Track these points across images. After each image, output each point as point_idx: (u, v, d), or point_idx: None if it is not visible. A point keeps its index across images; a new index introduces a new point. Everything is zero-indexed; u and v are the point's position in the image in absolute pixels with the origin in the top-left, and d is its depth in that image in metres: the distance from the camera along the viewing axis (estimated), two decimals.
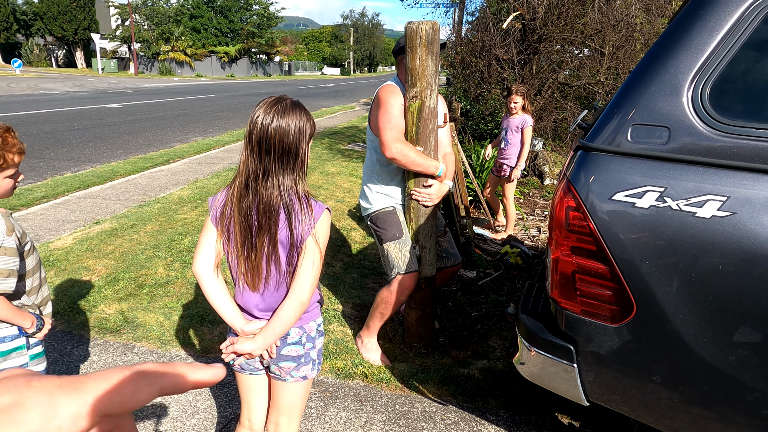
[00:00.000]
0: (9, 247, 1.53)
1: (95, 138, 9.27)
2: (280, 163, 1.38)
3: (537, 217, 5.73)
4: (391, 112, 2.36)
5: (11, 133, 1.57)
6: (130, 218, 4.59)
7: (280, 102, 1.39)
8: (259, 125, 1.36)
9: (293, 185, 1.41)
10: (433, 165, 2.40)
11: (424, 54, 2.23)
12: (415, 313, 2.73)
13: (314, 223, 1.42)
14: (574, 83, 5.91)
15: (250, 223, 1.40)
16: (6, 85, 21.56)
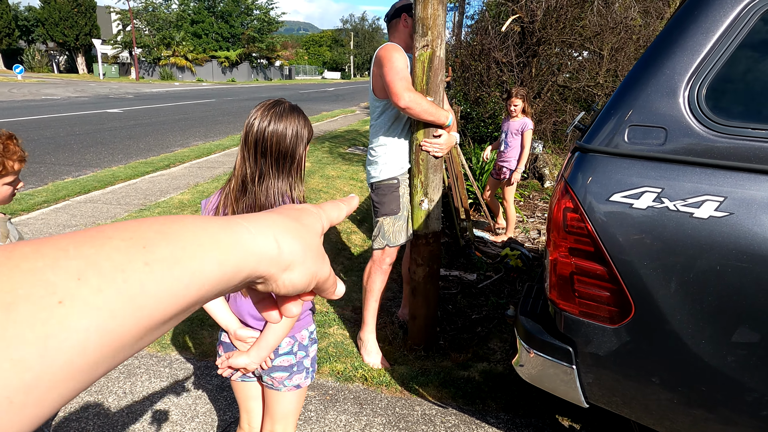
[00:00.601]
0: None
1: (96, 143, 9.30)
2: (276, 167, 1.38)
3: (537, 220, 5.73)
4: (397, 65, 2.34)
5: (13, 140, 1.56)
6: None
7: (277, 105, 1.39)
8: (255, 128, 1.35)
9: (288, 189, 1.41)
10: (444, 114, 2.40)
11: (435, 3, 2.22)
12: (422, 270, 2.70)
13: None
14: (573, 86, 5.93)
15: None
16: (8, 90, 21.64)
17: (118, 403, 2.30)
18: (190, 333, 2.89)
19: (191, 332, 2.89)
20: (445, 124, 2.42)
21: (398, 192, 2.63)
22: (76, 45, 41.83)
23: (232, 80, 46.74)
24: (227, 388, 2.40)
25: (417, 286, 2.76)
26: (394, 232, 2.65)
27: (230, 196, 1.41)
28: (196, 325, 2.95)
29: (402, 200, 2.65)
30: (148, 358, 2.64)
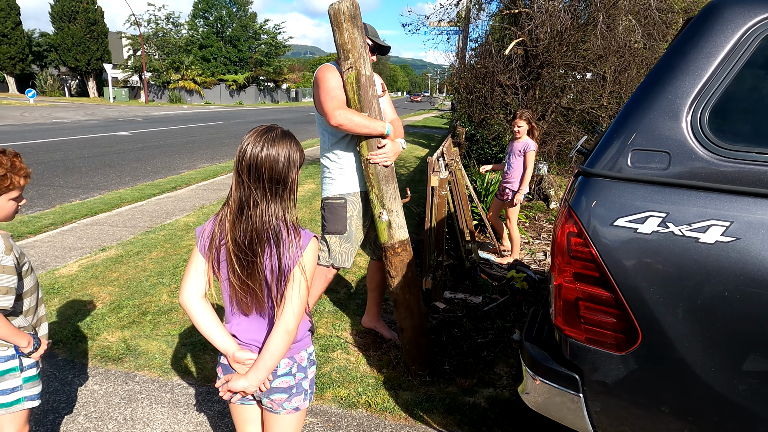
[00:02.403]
0: (7, 266, 1.57)
1: (104, 165, 9.40)
2: (269, 192, 1.39)
3: (543, 241, 5.69)
4: (329, 86, 2.46)
5: (19, 158, 1.65)
6: (135, 245, 4.61)
7: (270, 131, 1.40)
8: (248, 154, 1.37)
9: (282, 214, 1.41)
10: (380, 125, 2.42)
11: (350, 28, 2.32)
12: (398, 281, 2.71)
13: (302, 251, 1.42)
14: (577, 107, 5.95)
15: (240, 250, 1.40)
16: (20, 114, 22.02)
17: (118, 429, 2.26)
18: (192, 357, 2.86)
19: (193, 356, 2.87)
20: (383, 133, 2.45)
21: (345, 212, 2.70)
22: (88, 69, 42.65)
23: (239, 103, 47.37)
24: (229, 414, 2.37)
25: (397, 297, 2.75)
26: (341, 253, 2.73)
27: (225, 221, 1.41)
28: (199, 350, 2.92)
29: (349, 222, 2.70)
30: (150, 383, 2.61)
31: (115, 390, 2.55)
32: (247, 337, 1.50)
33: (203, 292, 1.48)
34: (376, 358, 3.00)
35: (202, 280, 1.47)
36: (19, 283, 1.62)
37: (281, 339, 1.41)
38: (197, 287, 1.46)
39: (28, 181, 1.71)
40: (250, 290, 1.43)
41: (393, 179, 2.58)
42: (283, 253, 1.39)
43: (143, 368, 2.74)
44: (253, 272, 1.41)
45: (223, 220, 1.43)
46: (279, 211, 1.40)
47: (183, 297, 1.46)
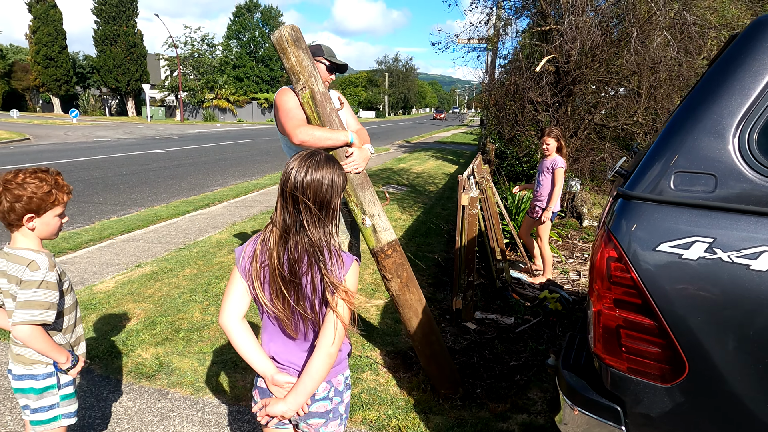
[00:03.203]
0: (51, 282, 1.62)
1: (141, 183, 9.69)
2: (312, 216, 1.40)
3: (576, 260, 5.55)
4: (287, 107, 2.57)
5: (60, 176, 1.70)
6: (170, 261, 4.71)
7: (314, 156, 1.43)
8: (292, 178, 1.39)
9: (325, 237, 1.42)
10: (342, 134, 2.47)
11: (295, 51, 2.40)
12: (395, 283, 2.70)
13: (344, 275, 1.42)
14: (611, 124, 5.82)
15: (283, 272, 1.41)
16: (63, 133, 23.02)
17: None
18: (223, 376, 2.88)
19: (225, 375, 2.88)
20: (347, 142, 2.49)
21: None
22: (127, 90, 44.41)
23: (270, 120, 48.34)
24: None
25: (397, 300, 2.75)
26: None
27: (268, 246, 1.43)
28: (230, 368, 2.94)
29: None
30: (182, 401, 2.63)
31: (148, 407, 2.57)
32: (286, 360, 1.50)
33: (243, 314, 1.49)
34: (405, 380, 2.95)
35: (243, 302, 1.48)
36: (60, 300, 1.67)
37: (322, 362, 1.40)
38: (237, 309, 1.47)
39: (71, 197, 1.77)
40: (291, 313, 1.43)
41: (368, 184, 2.63)
42: (325, 276, 1.40)
43: (175, 386, 2.77)
44: (295, 295, 1.42)
45: (265, 242, 1.44)
46: (322, 235, 1.41)
47: (223, 318, 1.47)
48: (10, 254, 1.63)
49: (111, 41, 42.80)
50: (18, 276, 1.59)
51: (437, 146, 22.03)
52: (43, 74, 43.36)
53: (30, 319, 1.56)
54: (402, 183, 10.45)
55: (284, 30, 2.39)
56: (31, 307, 1.56)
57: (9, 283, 1.63)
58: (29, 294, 1.57)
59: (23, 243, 1.64)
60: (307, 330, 1.47)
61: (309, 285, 1.41)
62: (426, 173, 12.24)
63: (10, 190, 1.57)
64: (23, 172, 1.62)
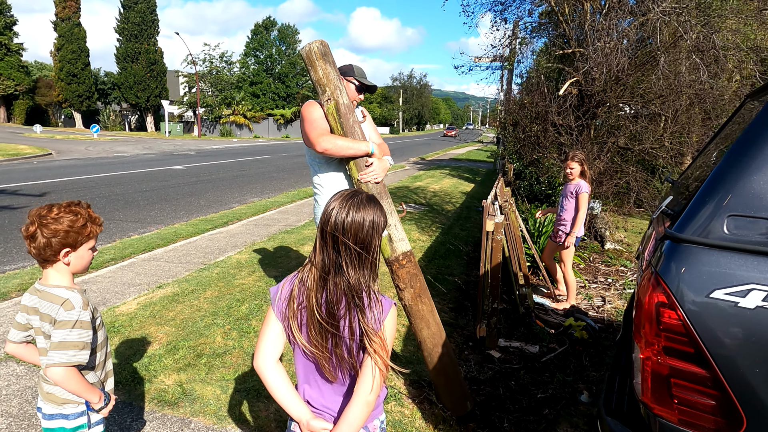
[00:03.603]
0: (85, 321, 1.61)
1: (161, 199, 9.79)
2: (353, 258, 1.37)
3: (600, 285, 5.44)
4: (312, 118, 2.68)
5: (91, 208, 1.70)
6: (190, 283, 4.71)
7: (355, 196, 1.40)
8: (333, 218, 1.36)
9: (364, 280, 1.38)
10: (363, 144, 2.54)
11: (323, 64, 2.49)
12: (408, 293, 2.70)
13: (383, 320, 1.39)
14: (635, 147, 5.75)
15: (321, 315, 1.38)
16: (84, 148, 23.46)
17: None
18: (246, 404, 2.84)
19: (248, 403, 2.84)
20: (368, 152, 2.56)
21: None
22: (147, 106, 45.26)
23: (286, 136, 48.85)
24: None
25: (410, 309, 2.74)
26: None
27: (306, 286, 1.40)
28: (252, 397, 2.90)
29: None
30: (205, 431, 2.60)
31: None
32: (321, 404, 1.47)
33: (278, 356, 1.46)
34: (431, 413, 2.88)
35: (278, 343, 1.45)
36: (93, 336, 1.65)
37: (360, 410, 1.37)
38: (273, 352, 1.44)
39: (102, 229, 1.76)
40: (328, 357, 1.40)
41: (386, 195, 2.66)
42: (364, 320, 1.36)
43: (198, 414, 2.73)
44: (333, 338, 1.39)
45: (303, 283, 1.41)
46: (361, 278, 1.38)
47: (258, 362, 1.44)
48: (42, 291, 1.62)
49: (132, 58, 43.79)
50: (51, 315, 1.58)
51: (453, 164, 22.01)
52: (66, 90, 44.42)
53: (65, 360, 1.54)
54: (419, 202, 10.42)
55: (314, 44, 2.49)
56: (66, 348, 1.55)
57: (41, 321, 1.61)
58: (64, 334, 1.55)
59: (56, 279, 1.63)
60: (344, 374, 1.44)
61: (347, 329, 1.38)
62: (443, 192, 12.20)
63: (47, 225, 1.57)
64: (57, 206, 1.62)
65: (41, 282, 1.65)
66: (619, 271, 5.98)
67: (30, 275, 4.92)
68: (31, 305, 1.64)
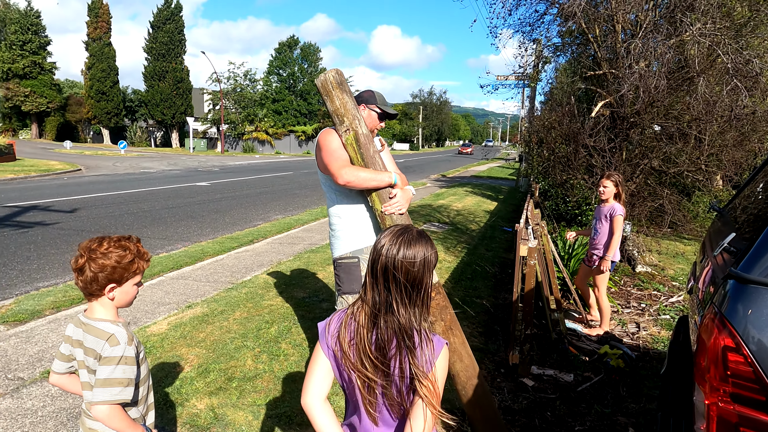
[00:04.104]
0: (129, 357, 1.59)
1: (187, 216, 9.92)
2: (403, 295, 1.34)
3: (633, 311, 5.30)
4: (331, 147, 2.56)
5: (140, 243, 1.69)
6: (219, 303, 4.73)
7: (406, 232, 1.38)
8: (384, 255, 1.34)
9: (416, 319, 1.35)
10: (386, 175, 2.49)
11: (340, 94, 2.44)
12: (439, 326, 2.62)
13: (434, 360, 1.35)
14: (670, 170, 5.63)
15: (371, 353, 1.35)
16: (112, 164, 24.04)
17: None
18: (278, 431, 2.80)
19: (280, 430, 2.81)
20: (391, 183, 2.51)
21: (359, 271, 2.68)
22: (173, 122, 46.33)
23: (307, 152, 49.36)
24: None
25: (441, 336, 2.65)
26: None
27: (357, 322, 1.38)
28: (284, 423, 2.86)
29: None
30: None
31: None
32: None
33: (326, 394, 1.42)
34: None
35: (326, 381, 1.42)
36: (136, 371, 1.64)
37: None
38: (321, 389, 1.41)
39: (149, 265, 1.76)
40: (378, 395, 1.37)
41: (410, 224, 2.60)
42: (414, 362, 1.33)
43: None
44: (383, 378, 1.36)
45: (354, 319, 1.39)
46: (413, 316, 1.35)
47: (306, 399, 1.41)
48: (87, 325, 1.62)
49: (159, 77, 44.98)
50: (96, 350, 1.57)
51: (474, 181, 21.93)
52: (96, 107, 45.75)
53: (110, 398, 1.53)
54: (443, 221, 10.36)
55: (329, 74, 2.44)
56: (111, 386, 1.53)
57: (85, 355, 1.61)
58: (109, 371, 1.54)
59: (101, 313, 1.63)
60: (393, 414, 1.40)
61: (397, 368, 1.35)
62: (466, 210, 12.13)
63: (95, 259, 1.57)
64: (107, 240, 1.62)
65: (86, 314, 1.65)
66: (652, 295, 5.82)
67: (63, 293, 5.00)
68: (76, 338, 1.64)
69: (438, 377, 1.35)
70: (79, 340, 1.63)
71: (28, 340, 3.84)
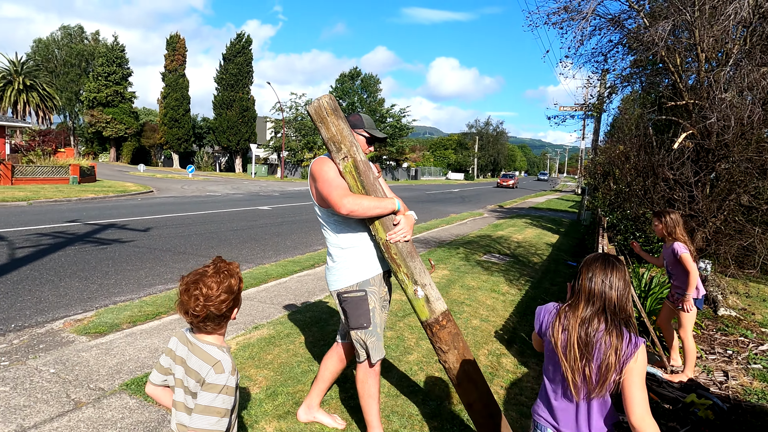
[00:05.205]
0: (231, 387, 1.56)
1: (250, 239, 10.23)
2: (609, 318, 1.64)
3: (719, 357, 4.88)
4: (329, 177, 2.46)
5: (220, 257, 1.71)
6: (285, 326, 4.78)
7: (606, 258, 1.69)
8: (588, 281, 1.67)
9: (623, 341, 1.62)
10: (389, 202, 2.43)
11: (335, 120, 2.37)
12: (452, 355, 2.53)
13: (630, 356, 1.61)
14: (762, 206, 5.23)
15: (579, 342, 1.66)
16: (180, 187, 25.37)
17: None
18: None
19: None
20: (395, 209, 2.44)
21: (367, 305, 2.57)
22: (237, 148, 48.60)
23: None
24: None
25: (456, 372, 2.55)
26: (369, 347, 2.58)
27: (571, 344, 1.67)
28: None
29: (372, 315, 2.58)
30: None
31: None
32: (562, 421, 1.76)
33: None
34: None
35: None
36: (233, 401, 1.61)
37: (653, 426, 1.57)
38: None
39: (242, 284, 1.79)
40: (579, 377, 1.66)
41: (416, 253, 2.51)
42: (617, 358, 1.61)
43: None
44: (586, 363, 1.64)
45: (566, 316, 1.73)
46: (620, 340, 1.62)
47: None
48: (194, 345, 1.62)
49: (227, 105, 47.54)
50: (200, 374, 1.56)
51: (533, 213, 21.41)
52: (168, 133, 48.80)
53: (207, 427, 1.52)
54: (503, 252, 10.12)
55: (323, 100, 2.39)
56: (210, 414, 1.52)
57: (186, 374, 1.60)
58: (210, 399, 1.53)
59: (210, 336, 1.64)
60: (586, 396, 1.68)
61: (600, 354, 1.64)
62: (527, 242, 11.80)
63: (213, 304, 1.58)
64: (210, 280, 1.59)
65: (194, 333, 1.66)
66: (738, 341, 5.36)
67: (138, 308, 5.22)
68: (179, 354, 1.64)
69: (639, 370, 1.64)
70: (182, 358, 1.62)
71: (108, 351, 4.01)
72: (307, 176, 3.12)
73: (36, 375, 3.52)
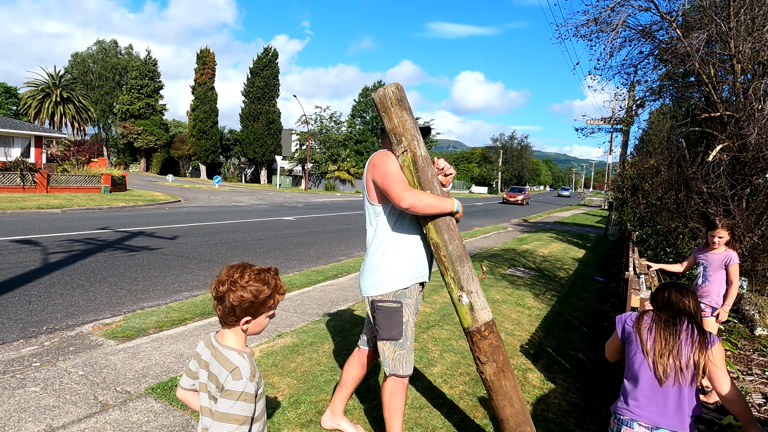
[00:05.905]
0: (249, 393, 1.54)
1: (275, 248, 10.31)
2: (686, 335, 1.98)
3: (758, 379, 4.68)
4: (390, 170, 2.39)
5: (279, 276, 1.67)
6: (308, 334, 4.77)
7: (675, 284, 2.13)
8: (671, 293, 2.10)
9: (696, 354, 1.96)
10: (449, 202, 2.36)
11: (398, 111, 2.29)
12: (490, 367, 2.45)
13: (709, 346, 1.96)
14: None
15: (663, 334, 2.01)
16: (207, 197, 25.83)
17: None
18: None
19: None
20: (453, 210, 2.38)
21: (401, 317, 2.49)
22: (262, 160, 49.37)
23: None
24: None
25: (491, 385, 2.46)
26: (394, 360, 2.51)
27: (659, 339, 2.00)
28: None
29: (405, 328, 2.50)
30: None
31: None
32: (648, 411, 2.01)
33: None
34: None
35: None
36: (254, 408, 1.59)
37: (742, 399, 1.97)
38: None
39: (284, 298, 1.74)
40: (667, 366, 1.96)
41: (467, 258, 2.41)
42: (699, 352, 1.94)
43: None
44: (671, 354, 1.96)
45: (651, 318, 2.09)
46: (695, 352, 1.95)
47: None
48: (216, 350, 1.62)
49: (254, 118, 48.43)
50: (219, 379, 1.56)
51: (558, 227, 21.08)
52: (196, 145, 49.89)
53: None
54: (529, 266, 9.97)
55: (389, 89, 2.32)
56: (228, 422, 1.51)
57: (208, 379, 1.61)
58: (228, 406, 1.51)
59: (231, 341, 1.63)
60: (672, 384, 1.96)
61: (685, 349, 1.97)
62: (552, 257, 11.61)
63: (235, 291, 1.56)
64: (249, 271, 1.60)
65: (218, 338, 1.65)
66: None
67: (165, 313, 5.29)
68: (204, 358, 1.65)
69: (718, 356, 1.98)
70: (206, 362, 1.63)
71: (135, 356, 4.06)
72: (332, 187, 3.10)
73: (65, 376, 3.59)
